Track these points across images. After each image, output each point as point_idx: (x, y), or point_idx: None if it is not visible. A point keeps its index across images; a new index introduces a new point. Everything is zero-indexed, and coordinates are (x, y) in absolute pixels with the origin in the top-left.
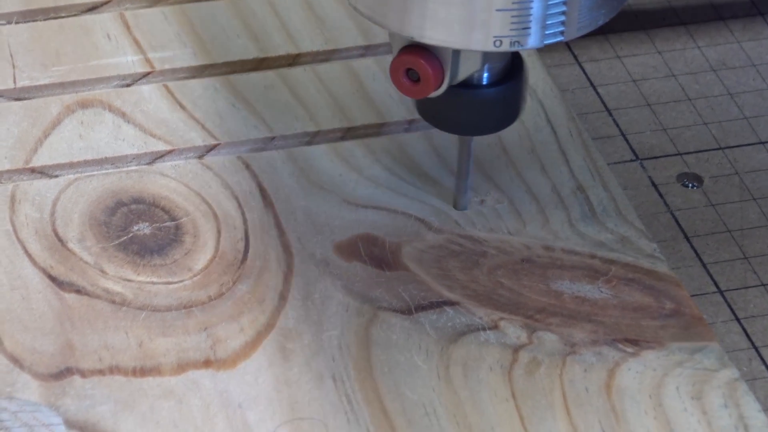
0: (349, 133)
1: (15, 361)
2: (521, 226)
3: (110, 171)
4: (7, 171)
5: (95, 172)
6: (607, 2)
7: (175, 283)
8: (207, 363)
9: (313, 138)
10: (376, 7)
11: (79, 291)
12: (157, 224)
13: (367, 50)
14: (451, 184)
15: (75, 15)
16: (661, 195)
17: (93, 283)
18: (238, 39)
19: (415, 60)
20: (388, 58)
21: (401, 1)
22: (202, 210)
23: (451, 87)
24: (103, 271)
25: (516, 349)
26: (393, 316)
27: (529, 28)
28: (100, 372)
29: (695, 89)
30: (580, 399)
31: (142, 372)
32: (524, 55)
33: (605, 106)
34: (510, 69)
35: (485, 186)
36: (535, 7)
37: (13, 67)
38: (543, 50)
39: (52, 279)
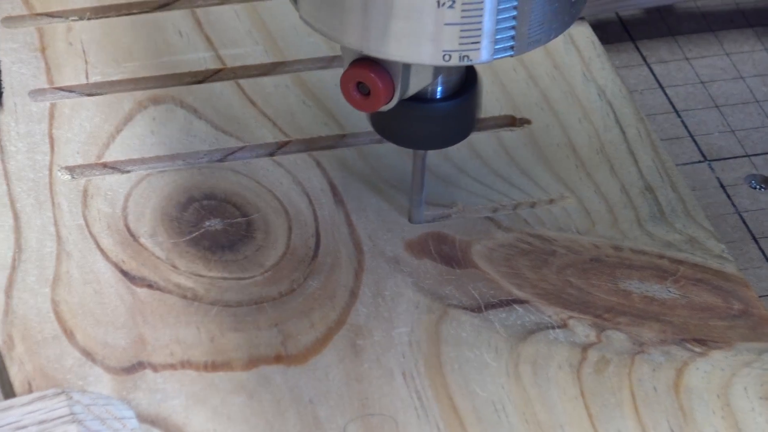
0: None
1: (87, 354)
2: (590, 225)
3: (182, 167)
4: (80, 166)
5: (167, 168)
6: (558, 17)
7: (247, 278)
8: (278, 358)
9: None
10: (326, 20)
11: (150, 286)
12: (229, 220)
13: None
14: (521, 183)
15: (147, 12)
16: (728, 196)
17: (165, 278)
18: (308, 37)
19: (365, 73)
20: None
21: (350, 15)
22: (273, 206)
23: (402, 101)
24: (174, 267)
25: (585, 348)
26: (463, 314)
27: (478, 42)
28: (172, 366)
29: (763, 91)
30: (648, 398)
31: (213, 367)
32: (479, 69)
33: (673, 107)
34: (464, 83)
35: (555, 186)
36: (485, 22)
37: (86, 62)
38: (611, 51)
39: (124, 273)
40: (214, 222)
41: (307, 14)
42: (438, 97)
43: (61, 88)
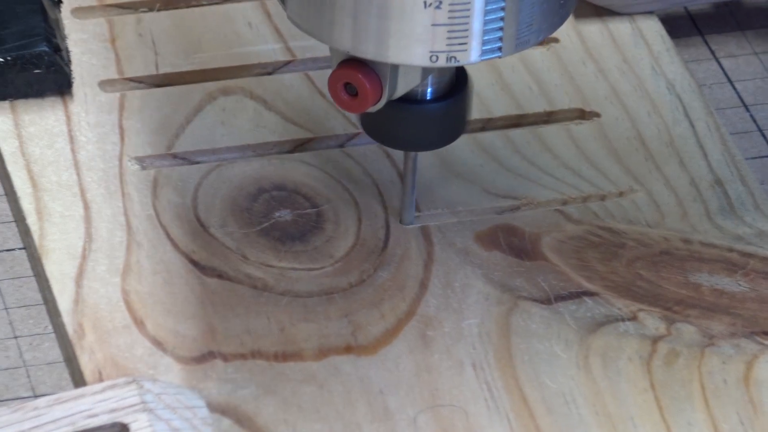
0: (489, 124)
1: (157, 344)
2: (660, 218)
3: (252, 158)
4: (150, 156)
5: (237, 159)
6: (547, 18)
7: (317, 269)
8: (348, 349)
9: None
10: (313, 21)
11: (221, 276)
12: (299, 211)
13: None
14: (591, 176)
15: (216, 3)
16: None
17: (235, 268)
18: None
19: (353, 74)
20: (528, 51)
21: (337, 15)
22: (343, 198)
23: (391, 102)
24: (244, 257)
25: (655, 341)
26: (533, 306)
27: (466, 43)
28: (242, 356)
29: None
30: (718, 390)
31: (283, 357)
32: (470, 69)
33: (742, 101)
34: (454, 84)
35: (624, 179)
36: (472, 23)
37: (156, 54)
38: (680, 46)
39: (194, 263)
40: (284, 213)
41: (295, 14)
42: (428, 98)
43: (131, 79)
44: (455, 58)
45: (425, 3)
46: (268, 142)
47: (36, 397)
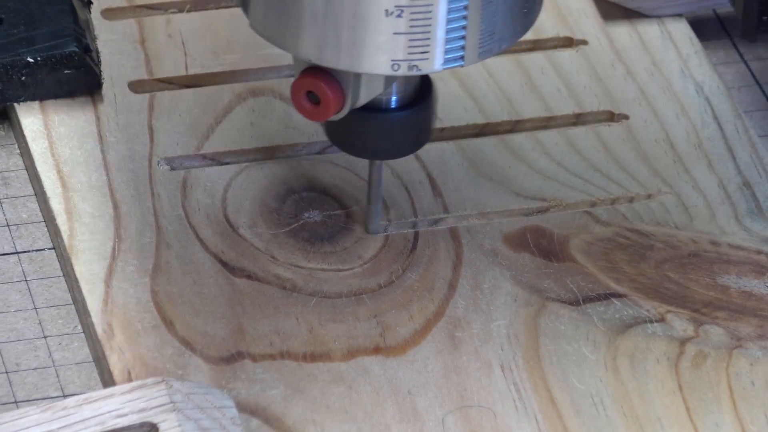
0: (517, 126)
1: (186, 344)
2: (688, 220)
3: (281, 159)
4: (179, 157)
5: (266, 160)
6: (510, 27)
7: (346, 270)
8: (377, 350)
9: (482, 130)
10: (274, 29)
11: (250, 276)
12: (328, 212)
13: (536, 44)
14: (619, 178)
15: None
16: None
17: (264, 268)
18: None
19: (315, 82)
20: (558, 53)
21: (299, 24)
22: None
23: (356, 110)
24: (273, 258)
25: (683, 342)
26: (561, 307)
27: (428, 52)
28: (271, 356)
29: None
30: (746, 392)
31: (312, 357)
32: (435, 78)
33: None
34: (419, 92)
35: (653, 181)
36: (433, 32)
37: (185, 54)
38: (709, 48)
39: (224, 264)
40: (313, 213)
41: (257, 23)
42: (392, 106)
43: (160, 80)
44: (417, 66)
45: (386, 11)
46: (297, 143)
47: (65, 396)
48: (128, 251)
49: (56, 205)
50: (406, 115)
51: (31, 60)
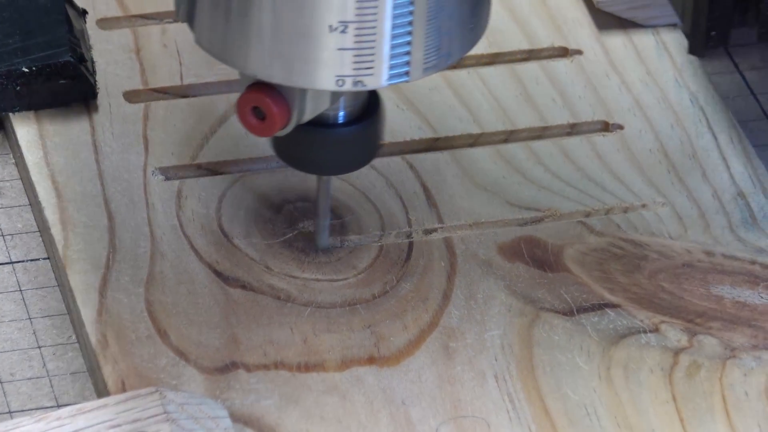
0: (512, 136)
1: (181, 354)
2: (682, 230)
3: (276, 169)
4: (174, 167)
5: (261, 170)
6: (455, 43)
7: (340, 280)
8: (371, 360)
9: (476, 140)
10: (220, 45)
11: (244, 286)
12: None
13: (531, 54)
14: (613, 188)
15: None
16: None
17: (258, 279)
18: None
19: (260, 98)
20: (552, 63)
21: (244, 40)
22: (366, 209)
23: (302, 126)
24: (268, 268)
25: (676, 353)
26: (555, 317)
27: (372, 67)
28: (265, 367)
29: None
30: (739, 403)
31: (306, 367)
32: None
33: (765, 114)
34: (366, 108)
35: (647, 191)
36: (378, 47)
37: (180, 64)
38: (704, 58)
39: (218, 274)
40: (307, 224)
41: (202, 39)
42: (339, 122)
43: (155, 90)
44: (362, 82)
45: (330, 27)
46: None
47: (59, 407)
48: (122, 261)
49: (51, 215)
50: (353, 131)
51: (26, 70)
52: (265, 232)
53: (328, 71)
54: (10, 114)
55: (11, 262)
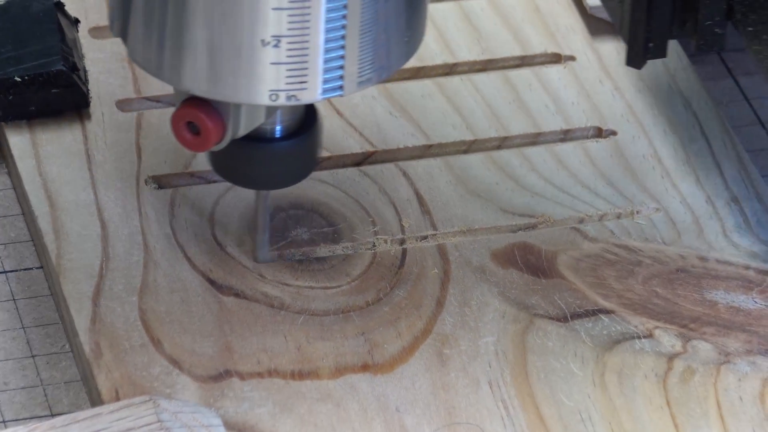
0: (505, 143)
1: (174, 362)
2: (676, 236)
3: None
4: (167, 175)
5: None
6: (390, 56)
7: (333, 287)
8: (365, 367)
9: (469, 146)
10: (153, 60)
11: (237, 294)
12: (315, 230)
13: (524, 60)
14: (607, 194)
15: None
16: None
17: (251, 287)
18: None
19: (195, 113)
20: (545, 69)
21: (177, 55)
22: (359, 216)
23: (238, 141)
24: (261, 275)
25: (671, 358)
26: (549, 324)
27: (306, 82)
28: (259, 375)
29: None
30: (734, 408)
31: (300, 375)
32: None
33: (759, 119)
34: (303, 122)
35: (641, 196)
36: (311, 62)
37: None
38: (697, 63)
39: (211, 282)
40: (300, 231)
41: (136, 54)
42: (275, 136)
43: (148, 98)
44: (295, 96)
45: (263, 41)
46: None
47: (53, 415)
48: (116, 270)
49: (44, 224)
50: (289, 145)
51: (19, 79)
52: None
53: (262, 86)
54: (3, 123)
55: (4, 272)
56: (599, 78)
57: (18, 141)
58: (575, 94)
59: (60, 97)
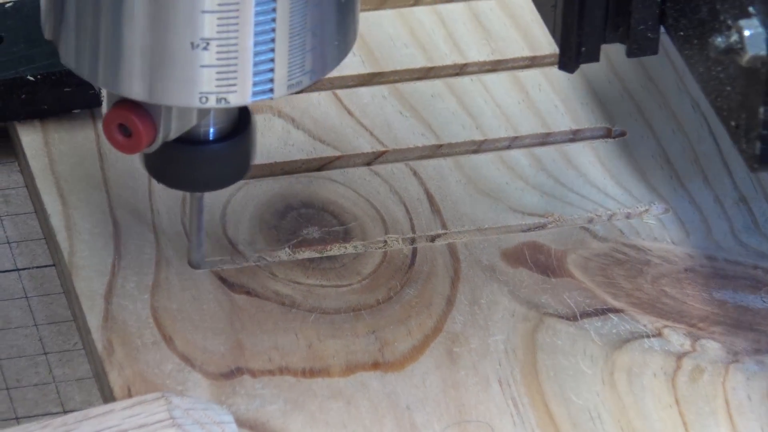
0: (515, 142)
1: (186, 360)
2: (684, 235)
3: (280, 175)
4: None
5: (265, 177)
6: (320, 60)
7: (344, 286)
8: (375, 365)
9: (479, 146)
10: (85, 63)
11: (249, 293)
12: (326, 228)
13: (533, 61)
14: (616, 194)
15: None
16: None
17: (263, 285)
18: (405, 48)
19: (126, 115)
20: (555, 70)
21: (107, 58)
22: (370, 215)
23: (170, 143)
24: (273, 274)
25: (679, 357)
26: (558, 322)
27: (235, 84)
28: (270, 372)
29: None
30: (742, 407)
31: (311, 373)
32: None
33: None
34: (237, 124)
35: (649, 196)
36: (241, 65)
37: None
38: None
39: (223, 280)
40: (311, 230)
41: (67, 57)
42: (209, 138)
43: None
44: (225, 99)
45: (192, 44)
46: (296, 160)
47: (65, 412)
48: (128, 268)
49: (56, 222)
50: (222, 147)
51: (31, 78)
52: (269, 239)
53: (192, 88)
54: (16, 122)
55: (17, 269)
56: (608, 78)
57: (31, 140)
58: (584, 94)
59: (72, 96)
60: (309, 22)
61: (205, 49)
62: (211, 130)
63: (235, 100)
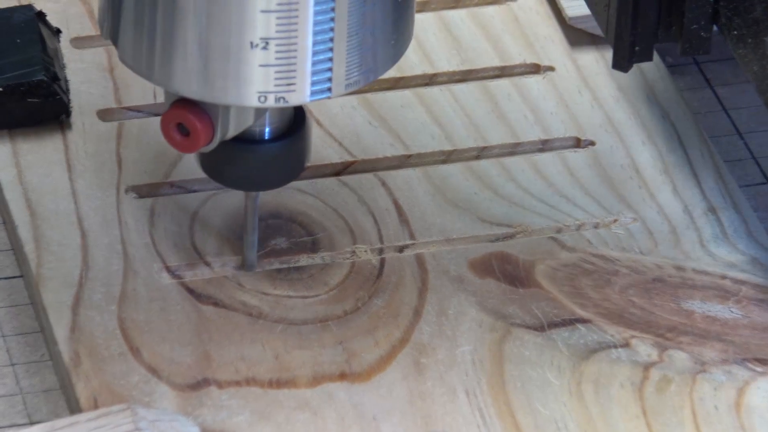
0: (484, 153)
1: (153, 371)
2: (653, 245)
3: None
4: (147, 185)
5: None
6: (377, 59)
7: (312, 297)
8: (342, 376)
9: (448, 156)
10: (144, 62)
11: (216, 303)
12: (294, 239)
13: (503, 71)
14: (585, 204)
15: None
16: None
17: (230, 296)
18: None
19: (184, 114)
20: (524, 80)
21: (167, 57)
22: (338, 225)
23: (228, 142)
24: (240, 285)
25: (647, 367)
26: (526, 333)
27: (294, 83)
28: (237, 383)
29: None
30: (710, 417)
31: (278, 384)
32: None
33: (737, 129)
34: (292, 123)
35: (618, 206)
36: (299, 64)
37: None
38: (675, 74)
39: (190, 291)
40: (279, 241)
41: (126, 56)
42: (265, 137)
43: (128, 108)
44: (284, 98)
45: (252, 44)
46: None
47: (32, 424)
48: (95, 279)
49: (24, 233)
50: (278, 147)
51: (0, 89)
52: (237, 249)
53: (251, 88)
54: None
55: None
56: (578, 88)
57: None
58: (554, 104)
59: (41, 106)
60: (367, 21)
61: (264, 48)
62: (268, 129)
63: (294, 100)
